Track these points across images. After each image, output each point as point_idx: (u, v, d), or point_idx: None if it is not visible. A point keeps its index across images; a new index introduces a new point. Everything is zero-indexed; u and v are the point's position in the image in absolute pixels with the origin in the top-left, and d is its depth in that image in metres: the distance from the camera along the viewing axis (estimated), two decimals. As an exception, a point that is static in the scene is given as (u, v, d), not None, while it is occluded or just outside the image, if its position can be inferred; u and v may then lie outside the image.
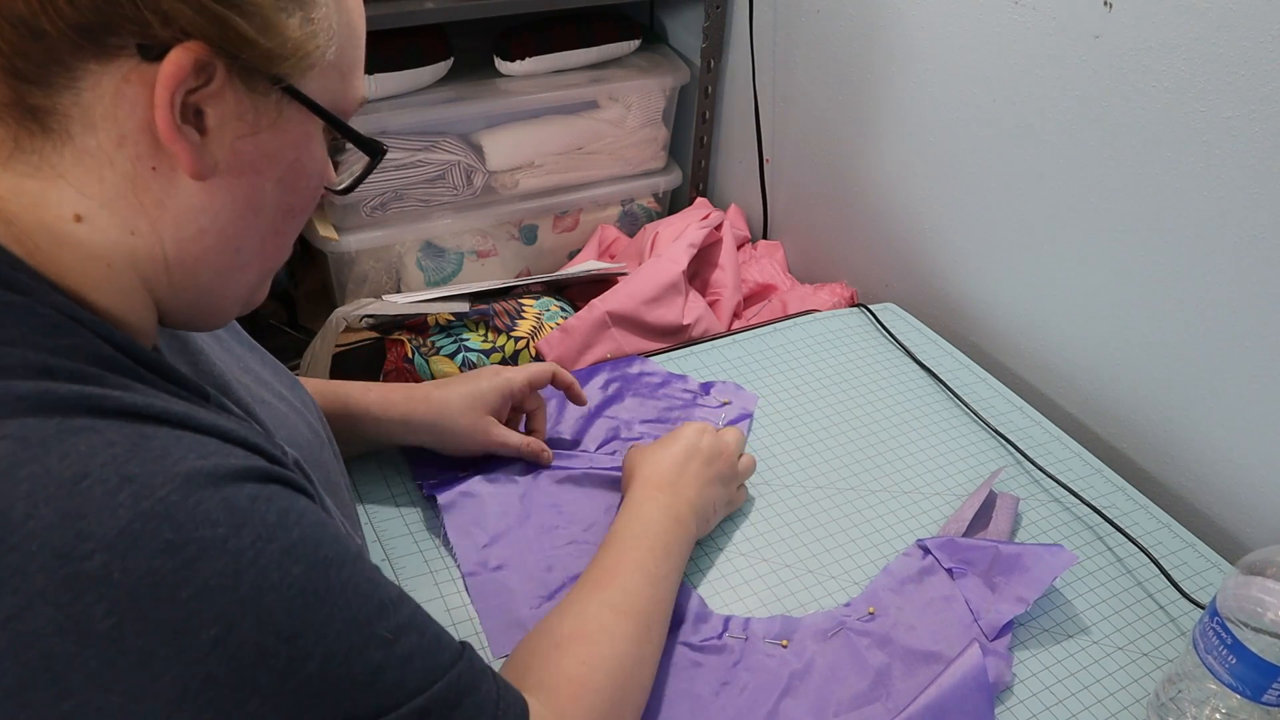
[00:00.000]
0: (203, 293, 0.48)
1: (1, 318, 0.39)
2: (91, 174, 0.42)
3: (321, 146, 0.49)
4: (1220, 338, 0.86)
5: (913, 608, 0.76)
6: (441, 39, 1.25)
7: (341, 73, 0.47)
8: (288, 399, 0.64)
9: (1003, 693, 0.71)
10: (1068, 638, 0.76)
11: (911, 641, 0.73)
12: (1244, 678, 0.62)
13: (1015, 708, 0.70)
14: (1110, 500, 0.89)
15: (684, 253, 1.20)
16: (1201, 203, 0.84)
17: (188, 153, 0.42)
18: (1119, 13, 0.86)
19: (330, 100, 0.46)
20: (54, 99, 0.40)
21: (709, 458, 0.78)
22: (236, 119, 0.43)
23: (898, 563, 0.81)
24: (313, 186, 0.49)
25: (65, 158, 0.41)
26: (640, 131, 1.43)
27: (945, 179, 1.11)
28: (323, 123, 0.47)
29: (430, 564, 0.78)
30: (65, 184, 0.42)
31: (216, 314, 0.51)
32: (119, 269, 0.44)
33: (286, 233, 0.50)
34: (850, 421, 0.97)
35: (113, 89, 0.40)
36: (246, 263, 0.48)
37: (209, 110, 0.42)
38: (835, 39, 1.21)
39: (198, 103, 0.42)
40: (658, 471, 0.76)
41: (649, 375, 0.99)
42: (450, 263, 1.39)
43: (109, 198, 0.42)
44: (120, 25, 0.39)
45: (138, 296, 0.45)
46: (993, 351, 1.12)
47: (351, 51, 0.47)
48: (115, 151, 0.42)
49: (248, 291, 0.51)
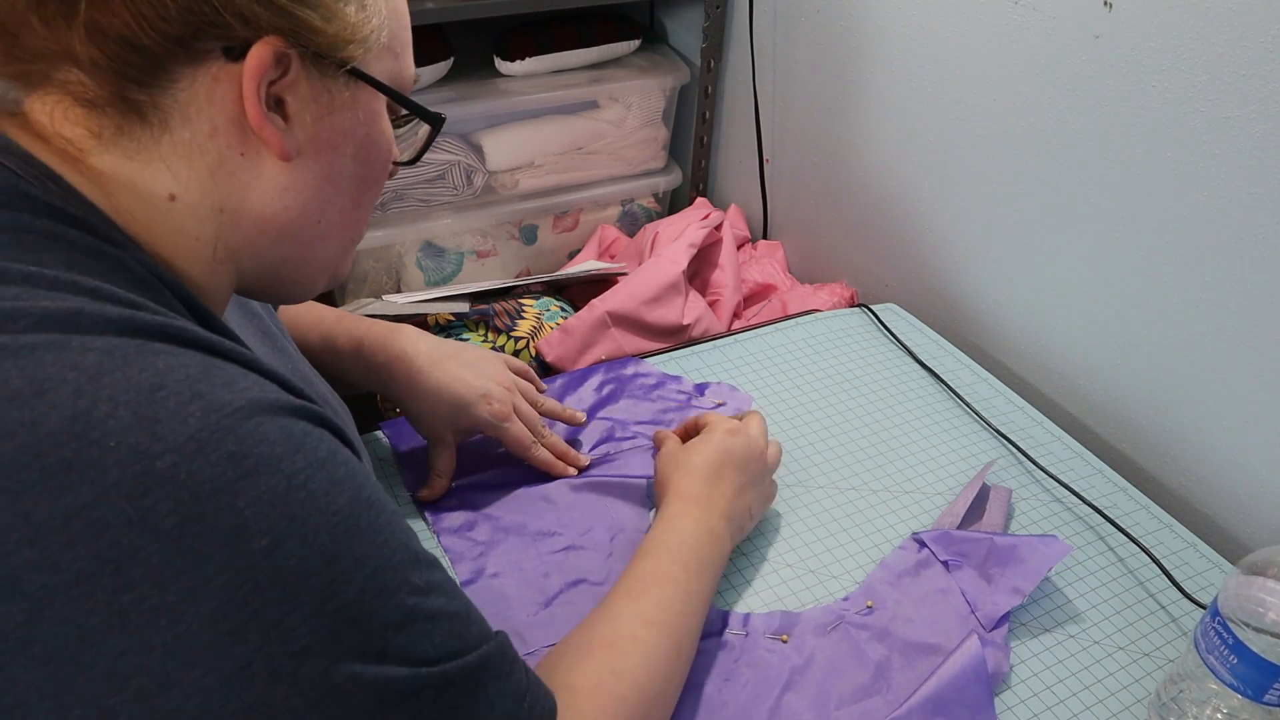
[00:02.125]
0: (286, 261, 0.53)
1: (99, 263, 0.44)
2: (185, 161, 0.47)
3: (388, 122, 0.53)
4: (1221, 338, 0.86)
5: (910, 601, 0.77)
6: (441, 39, 1.25)
7: (395, 53, 0.51)
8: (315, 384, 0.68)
9: (1003, 689, 0.71)
10: (1069, 638, 0.76)
11: (910, 634, 0.74)
12: (1245, 678, 0.62)
13: (1016, 708, 0.70)
14: (1111, 500, 0.89)
15: (684, 253, 1.20)
16: (1201, 203, 0.84)
17: (276, 138, 0.47)
18: (1119, 13, 0.86)
19: (389, 78, 0.51)
20: (154, 97, 0.45)
21: (742, 463, 0.77)
22: (313, 102, 0.48)
23: (894, 556, 0.81)
24: (384, 159, 0.54)
25: (162, 145, 0.46)
26: (640, 131, 1.43)
27: (945, 179, 1.11)
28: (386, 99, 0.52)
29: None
30: (161, 167, 0.46)
31: (303, 284, 0.56)
32: (207, 242, 0.49)
33: (364, 205, 0.55)
34: (850, 421, 0.97)
35: (205, 88, 0.45)
36: (327, 233, 0.53)
37: (289, 98, 0.47)
38: (835, 39, 1.21)
39: (278, 93, 0.47)
40: (691, 481, 0.75)
41: (643, 376, 0.99)
42: (450, 263, 1.39)
43: (201, 181, 0.47)
44: (206, 31, 0.44)
45: (222, 268, 0.50)
46: (993, 351, 1.12)
47: (401, 33, 0.52)
48: (208, 141, 0.47)
49: (332, 263, 0.56)
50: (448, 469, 0.83)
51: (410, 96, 0.53)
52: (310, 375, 0.69)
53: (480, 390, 0.80)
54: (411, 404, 0.81)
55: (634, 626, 0.62)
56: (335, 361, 0.81)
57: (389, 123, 0.54)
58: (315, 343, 0.81)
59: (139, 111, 0.45)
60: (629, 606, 0.64)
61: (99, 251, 0.44)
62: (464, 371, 0.81)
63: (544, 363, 1.07)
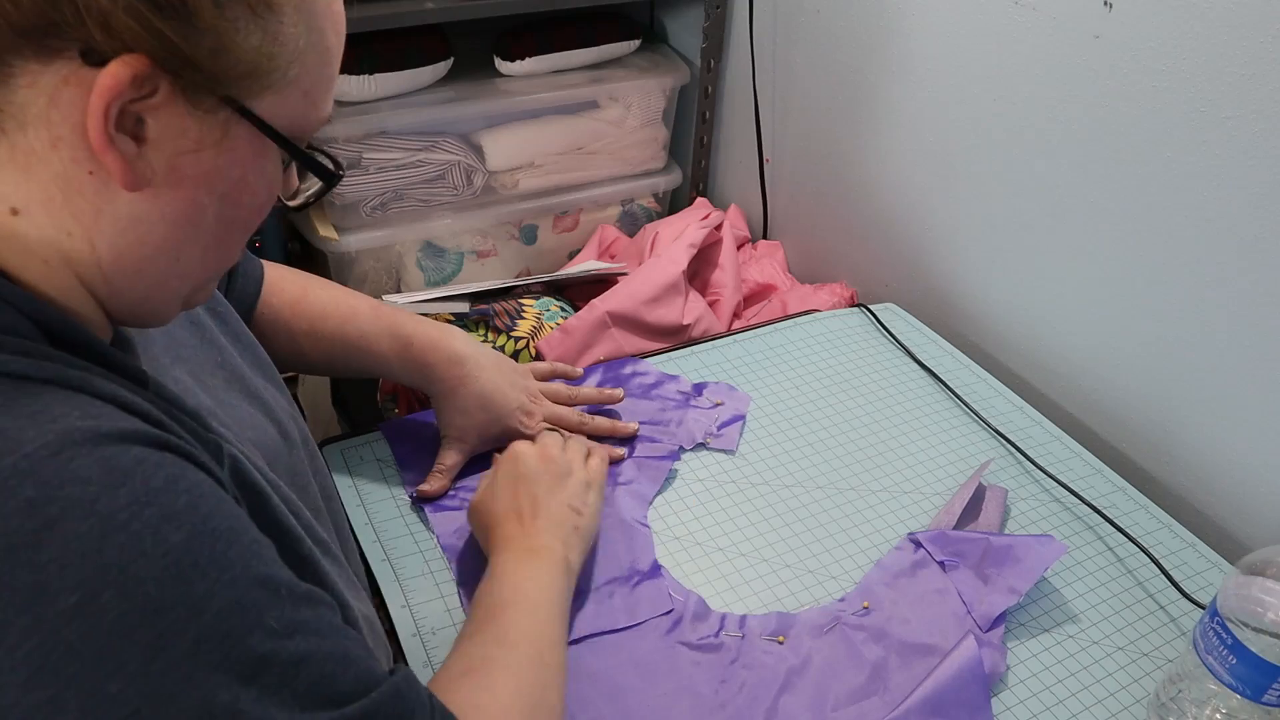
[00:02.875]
0: (142, 297, 0.47)
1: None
2: (26, 171, 0.41)
3: (275, 164, 0.47)
4: (1220, 338, 0.86)
5: (906, 601, 0.77)
6: (441, 39, 1.25)
7: (304, 91, 0.45)
8: (263, 399, 0.63)
9: (1001, 689, 0.72)
10: (1068, 638, 0.76)
11: (906, 635, 0.74)
12: (1244, 678, 0.62)
13: (1015, 708, 0.70)
14: (1110, 500, 0.89)
15: (684, 253, 1.20)
16: (1201, 203, 0.84)
17: (120, 163, 0.41)
18: (1119, 13, 0.86)
19: (289, 120, 0.45)
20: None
21: (530, 475, 0.74)
22: (179, 134, 0.42)
23: (890, 557, 0.81)
24: (259, 203, 0.47)
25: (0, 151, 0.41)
26: (640, 131, 1.43)
27: (945, 179, 1.11)
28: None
29: (430, 564, 0.78)
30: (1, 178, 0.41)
31: (156, 315, 0.49)
32: (55, 266, 0.43)
33: (231, 243, 0.48)
34: (850, 421, 0.97)
35: (50, 89, 0.39)
36: (187, 271, 0.47)
37: (149, 120, 0.41)
38: (835, 39, 1.21)
39: (139, 112, 0.40)
40: (496, 523, 0.72)
41: (642, 376, 0.99)
42: (450, 263, 1.39)
43: (44, 197, 0.41)
44: (61, 29, 0.38)
45: (77, 293, 0.44)
46: (993, 351, 1.11)
47: (319, 70, 0.45)
48: (49, 152, 0.41)
49: (189, 293, 0.49)
50: (453, 468, 0.83)
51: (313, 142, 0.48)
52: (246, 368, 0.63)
53: (516, 403, 0.84)
54: (450, 401, 0.82)
55: (486, 650, 0.60)
56: (375, 359, 0.81)
57: (277, 164, 0.47)
58: (351, 337, 0.80)
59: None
60: (475, 638, 0.61)
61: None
62: (503, 380, 0.84)
63: (544, 363, 1.08)
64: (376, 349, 0.81)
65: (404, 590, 0.76)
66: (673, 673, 0.70)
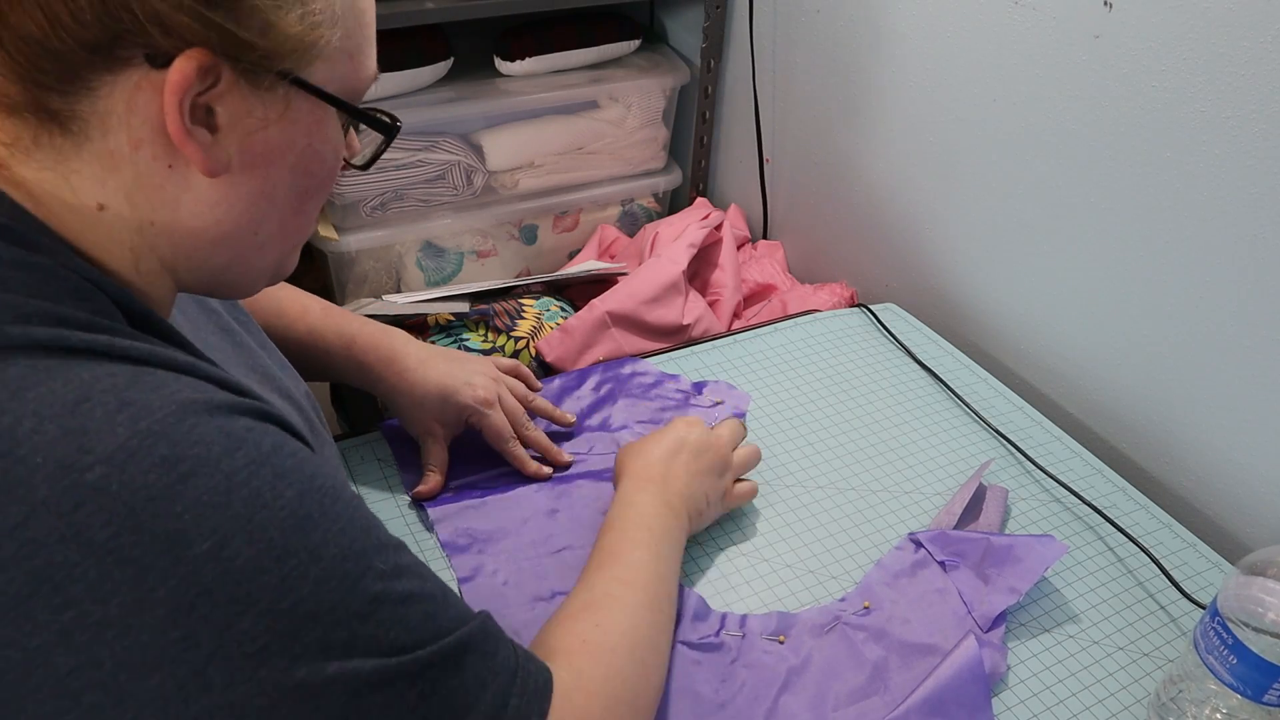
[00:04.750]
0: (224, 270, 0.50)
1: (28, 276, 0.42)
2: (111, 172, 0.44)
3: (336, 128, 0.50)
4: (1221, 338, 0.86)
5: (907, 601, 0.77)
6: (441, 39, 1.25)
7: (349, 54, 0.48)
8: (294, 397, 0.66)
9: (1001, 689, 0.71)
10: (1068, 638, 0.76)
11: (907, 635, 0.74)
12: (1245, 678, 0.62)
13: (1016, 708, 0.70)
14: (1111, 500, 0.89)
15: (684, 253, 1.20)
16: (1201, 203, 0.84)
17: (199, 153, 0.44)
18: (1119, 13, 0.86)
19: (340, 83, 0.48)
20: (72, 105, 0.42)
21: (697, 450, 0.78)
22: (246, 115, 0.45)
23: (890, 557, 0.81)
24: (328, 168, 0.51)
25: (84, 155, 0.44)
26: (640, 131, 1.43)
27: (945, 179, 1.11)
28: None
29: (430, 564, 0.78)
30: (86, 177, 0.44)
31: (242, 286, 0.53)
32: (140, 253, 0.47)
33: (307, 212, 0.52)
34: (850, 421, 0.97)
35: (126, 97, 0.42)
36: (266, 243, 0.50)
37: (219, 109, 0.44)
38: (835, 39, 1.21)
39: (208, 102, 0.43)
40: (646, 464, 0.76)
41: (641, 376, 0.99)
42: (450, 263, 1.39)
43: (129, 192, 0.45)
44: (125, 38, 0.41)
45: (158, 276, 0.48)
46: (993, 351, 1.11)
47: (359, 32, 0.48)
48: (133, 153, 0.44)
49: (273, 265, 0.53)
50: (441, 463, 0.84)
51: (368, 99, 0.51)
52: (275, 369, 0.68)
53: (464, 379, 0.83)
54: (399, 399, 0.82)
55: (608, 587, 0.64)
56: (323, 357, 0.81)
57: (338, 128, 0.50)
58: (301, 335, 0.81)
59: (58, 120, 0.43)
60: (601, 574, 0.65)
61: (25, 263, 0.42)
62: (450, 365, 0.84)
63: (544, 363, 1.07)
64: (323, 345, 0.81)
65: (404, 590, 0.76)
66: (673, 672, 0.70)
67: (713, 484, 0.79)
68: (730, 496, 0.82)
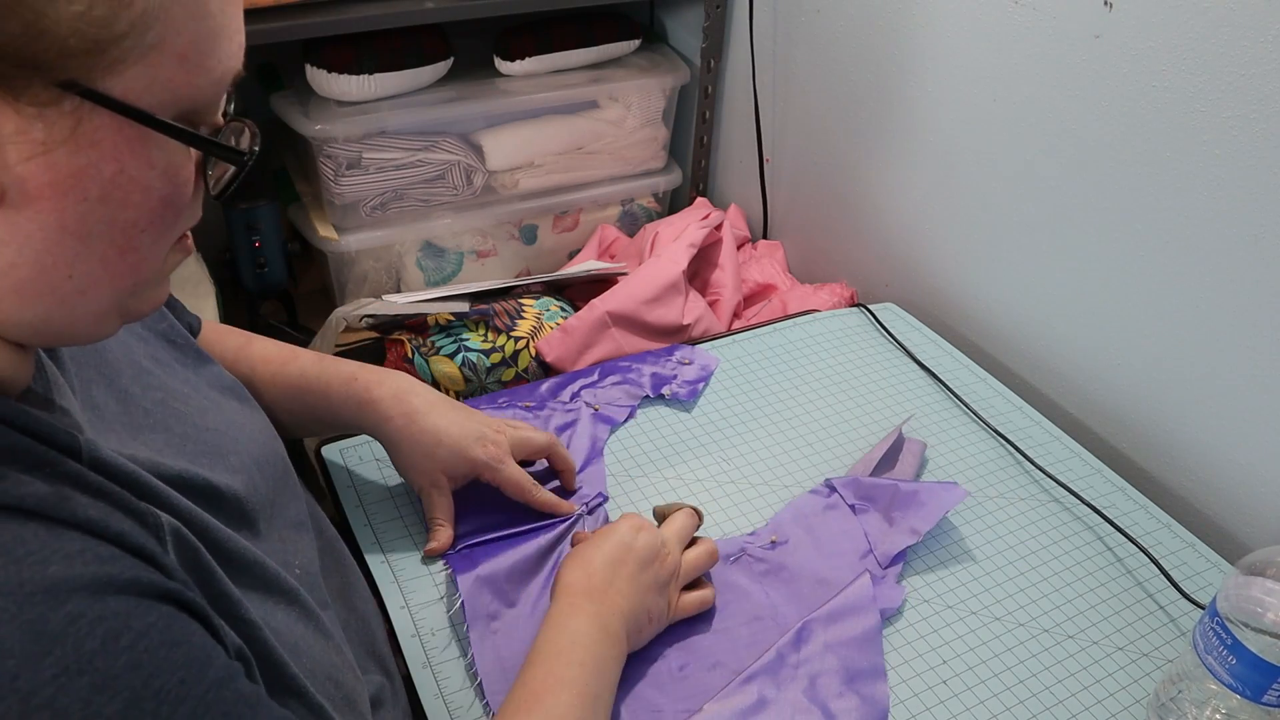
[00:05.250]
0: (45, 321, 0.41)
1: None
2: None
3: (168, 149, 0.39)
4: (1220, 338, 0.86)
5: (813, 539, 0.81)
6: (441, 39, 1.25)
7: (179, 55, 0.37)
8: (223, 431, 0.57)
9: (999, 688, 0.71)
10: (1068, 638, 0.76)
11: (808, 568, 0.78)
12: (1244, 678, 0.62)
13: (1015, 708, 0.70)
14: (1110, 500, 0.89)
15: (684, 253, 1.20)
16: (1201, 203, 0.84)
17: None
18: (1119, 13, 0.86)
19: (165, 93, 0.38)
20: None
21: (643, 560, 0.70)
22: (17, 137, 0.35)
23: (804, 499, 0.85)
24: (157, 197, 0.40)
25: None
26: (640, 131, 1.43)
27: (945, 179, 1.11)
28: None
29: (430, 565, 0.78)
30: None
31: (78, 333, 0.43)
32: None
33: (139, 248, 0.41)
34: (850, 421, 0.97)
35: None
36: (88, 286, 0.40)
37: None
38: (835, 39, 1.21)
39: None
40: (588, 574, 0.68)
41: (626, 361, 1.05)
42: (450, 263, 1.39)
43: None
44: None
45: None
46: (993, 351, 1.11)
47: (191, 25, 0.37)
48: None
49: (110, 308, 0.42)
50: (449, 516, 0.79)
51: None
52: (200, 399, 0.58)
53: (476, 433, 0.78)
54: (407, 445, 0.77)
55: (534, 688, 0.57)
56: (319, 399, 0.76)
57: (173, 149, 0.40)
58: (292, 378, 0.76)
59: None
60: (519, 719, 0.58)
61: None
62: (458, 415, 0.78)
63: (544, 363, 1.07)
64: (318, 387, 0.76)
65: (403, 591, 0.76)
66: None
67: (655, 600, 0.70)
68: (675, 610, 0.72)
